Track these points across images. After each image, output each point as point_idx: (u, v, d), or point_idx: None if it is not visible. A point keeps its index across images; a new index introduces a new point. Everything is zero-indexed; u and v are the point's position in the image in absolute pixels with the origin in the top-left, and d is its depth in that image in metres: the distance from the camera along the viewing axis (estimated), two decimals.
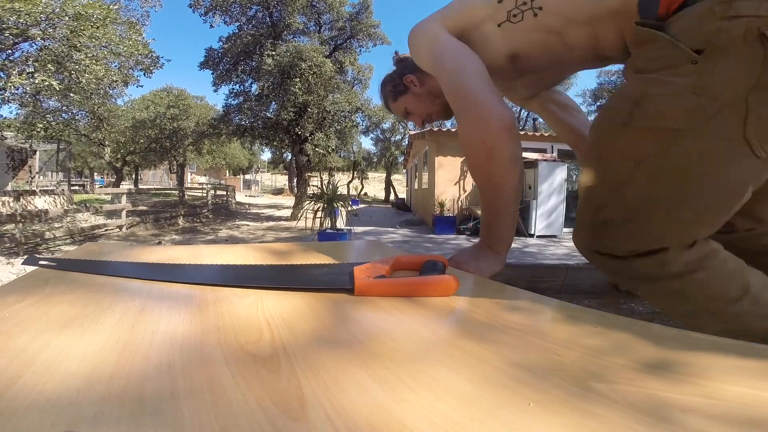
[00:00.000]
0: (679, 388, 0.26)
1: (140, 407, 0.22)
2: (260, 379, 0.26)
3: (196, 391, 0.24)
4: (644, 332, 0.37)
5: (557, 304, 0.46)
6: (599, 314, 0.42)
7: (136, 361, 0.27)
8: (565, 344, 0.33)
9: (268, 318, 0.37)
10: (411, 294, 0.48)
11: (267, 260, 0.66)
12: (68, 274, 0.51)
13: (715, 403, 0.24)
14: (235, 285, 0.49)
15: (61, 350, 0.28)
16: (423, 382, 0.26)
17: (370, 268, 0.50)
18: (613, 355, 0.31)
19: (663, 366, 0.29)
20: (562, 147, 9.69)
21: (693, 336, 0.36)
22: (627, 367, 0.29)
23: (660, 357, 0.31)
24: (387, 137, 29.89)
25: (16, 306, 0.37)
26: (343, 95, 11.39)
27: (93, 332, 0.32)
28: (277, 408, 0.22)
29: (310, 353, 0.30)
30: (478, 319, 0.40)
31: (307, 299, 0.44)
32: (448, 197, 9.13)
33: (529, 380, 0.26)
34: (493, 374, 0.27)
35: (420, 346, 0.32)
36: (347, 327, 0.36)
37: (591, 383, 0.26)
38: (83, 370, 0.26)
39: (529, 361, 0.30)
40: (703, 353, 0.32)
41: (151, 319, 0.35)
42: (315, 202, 5.44)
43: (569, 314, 0.43)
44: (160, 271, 0.56)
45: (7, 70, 6.07)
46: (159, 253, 0.71)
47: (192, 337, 0.32)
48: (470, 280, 0.57)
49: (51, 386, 0.24)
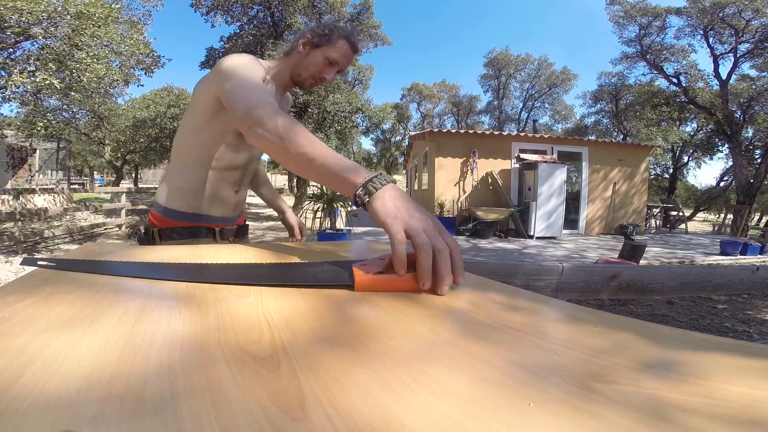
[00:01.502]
0: (679, 388, 0.26)
1: (140, 407, 0.22)
2: (260, 379, 0.26)
3: (196, 392, 0.24)
4: (645, 332, 0.37)
5: (557, 304, 0.46)
6: (599, 314, 0.42)
7: (136, 361, 0.27)
8: (566, 344, 0.33)
9: (268, 318, 0.37)
10: (409, 289, 0.49)
11: (267, 260, 0.66)
12: (68, 273, 0.51)
13: (715, 403, 0.24)
14: (235, 283, 0.49)
15: (61, 350, 0.28)
16: (423, 382, 0.26)
17: (368, 265, 0.51)
18: (614, 355, 0.31)
19: (663, 366, 0.29)
20: (562, 149, 9.70)
21: (694, 336, 0.36)
22: (627, 366, 0.29)
23: (660, 357, 0.31)
24: (387, 138, 29.86)
25: (16, 306, 0.37)
26: (343, 96, 11.39)
27: (93, 332, 0.32)
28: (277, 408, 0.22)
29: (311, 353, 0.30)
30: (479, 320, 0.40)
31: (308, 299, 0.44)
32: (448, 198, 9.13)
33: (529, 380, 0.27)
34: (493, 374, 0.27)
35: (420, 346, 0.32)
36: (347, 327, 0.36)
37: (591, 383, 0.26)
38: (83, 370, 0.26)
39: (529, 361, 0.30)
40: (704, 353, 0.32)
41: (152, 319, 0.35)
42: (315, 203, 5.45)
43: (569, 314, 0.43)
44: (159, 269, 0.56)
45: (9, 68, 6.07)
46: (159, 252, 0.70)
47: (192, 337, 0.32)
48: (471, 280, 0.57)
49: (51, 386, 0.23)
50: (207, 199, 1.20)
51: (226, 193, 1.24)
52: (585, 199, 9.77)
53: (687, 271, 1.66)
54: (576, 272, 1.55)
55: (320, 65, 1.16)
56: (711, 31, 14.23)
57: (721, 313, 3.27)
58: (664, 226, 11.70)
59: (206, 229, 1.22)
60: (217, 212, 1.24)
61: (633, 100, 17.95)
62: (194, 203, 1.19)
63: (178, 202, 1.19)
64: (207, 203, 1.21)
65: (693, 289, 1.58)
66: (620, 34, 16.77)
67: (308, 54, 1.17)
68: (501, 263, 1.89)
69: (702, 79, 15.31)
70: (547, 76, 33.09)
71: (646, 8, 15.68)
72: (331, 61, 1.16)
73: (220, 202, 1.24)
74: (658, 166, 19.92)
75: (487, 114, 36.78)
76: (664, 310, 3.26)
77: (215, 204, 1.23)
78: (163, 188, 1.22)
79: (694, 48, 15.39)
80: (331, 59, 1.15)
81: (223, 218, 1.26)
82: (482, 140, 9.27)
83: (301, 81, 1.20)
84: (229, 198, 1.26)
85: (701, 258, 6.46)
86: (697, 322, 3.05)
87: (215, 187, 1.20)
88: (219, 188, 1.21)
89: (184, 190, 1.19)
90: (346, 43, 1.17)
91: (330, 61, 1.16)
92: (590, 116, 23.04)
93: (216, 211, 1.24)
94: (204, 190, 1.18)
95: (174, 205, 1.19)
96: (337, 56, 1.16)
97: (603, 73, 20.41)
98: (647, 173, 10.61)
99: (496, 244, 7.53)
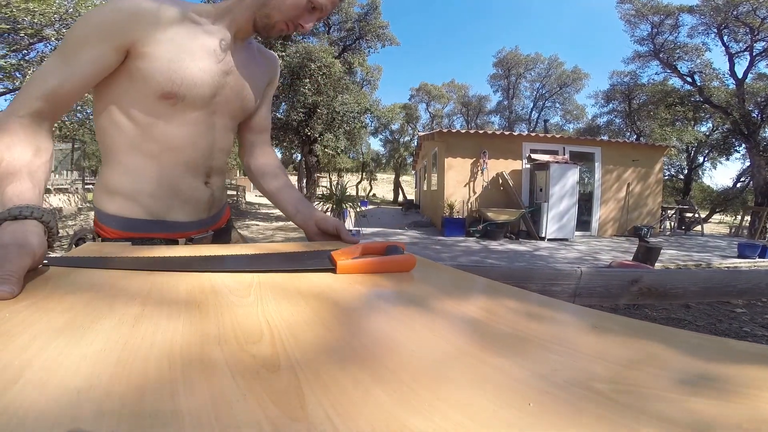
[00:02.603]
0: (723, 406, 0.24)
1: (140, 407, 0.22)
2: (260, 379, 0.25)
3: (196, 392, 0.23)
4: (675, 340, 0.35)
5: (579, 311, 0.44)
6: (625, 321, 0.40)
7: (137, 361, 0.27)
8: (595, 356, 0.31)
9: (268, 318, 0.37)
10: (383, 270, 0.58)
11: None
12: (68, 273, 0.51)
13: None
14: (229, 270, 0.54)
15: (61, 350, 0.28)
16: (423, 382, 0.26)
17: (345, 251, 0.59)
18: (647, 367, 0.29)
19: (701, 379, 0.27)
20: (573, 149, 9.61)
21: (731, 344, 0.34)
22: (661, 379, 0.27)
23: (697, 368, 0.29)
24: (396, 138, 29.90)
25: (16, 306, 0.37)
26: (352, 96, 11.44)
27: (93, 332, 0.32)
28: (277, 408, 0.22)
29: (311, 353, 0.30)
30: (481, 320, 0.39)
31: (308, 299, 0.44)
32: (458, 199, 9.10)
33: (558, 394, 0.25)
34: (496, 376, 0.27)
35: (420, 346, 0.32)
36: (348, 327, 0.36)
37: (621, 397, 0.25)
38: (83, 370, 0.25)
39: (554, 372, 0.28)
40: (746, 364, 0.30)
41: (152, 319, 0.35)
42: (324, 203, 5.47)
43: (595, 322, 0.40)
44: (157, 262, 0.58)
45: (23, 69, 6.21)
46: (159, 253, 0.70)
47: (192, 337, 0.32)
48: (475, 279, 0.57)
49: (51, 386, 0.23)
50: (157, 198, 0.90)
51: (191, 187, 0.93)
52: (598, 200, 9.66)
53: (711, 275, 1.61)
54: (595, 277, 1.51)
55: (300, 7, 0.85)
56: (725, 30, 14.00)
57: (740, 317, 3.20)
58: (679, 227, 11.53)
59: (165, 241, 0.92)
60: (181, 216, 0.93)
61: (646, 99, 17.74)
62: (145, 205, 0.89)
63: (114, 203, 0.89)
64: (159, 203, 0.90)
65: (717, 294, 1.54)
66: (632, 32, 16.60)
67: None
68: (516, 267, 1.87)
69: (717, 78, 15.07)
70: (557, 76, 32.80)
71: (657, 6, 15.48)
72: (314, 5, 0.86)
73: (182, 202, 0.93)
74: (672, 166, 19.64)
75: (497, 114, 36.60)
76: (680, 314, 3.20)
77: (176, 204, 0.92)
78: (97, 187, 0.92)
79: (708, 46, 15.16)
80: (314, 2, 0.85)
81: (189, 223, 0.95)
82: (492, 140, 9.22)
83: (268, 26, 0.88)
84: (195, 193, 0.94)
85: (718, 261, 6.34)
86: (715, 326, 2.99)
87: (171, 180, 0.90)
88: (177, 181, 0.91)
89: (125, 189, 0.88)
90: None
91: (313, 4, 0.86)
92: (602, 116, 22.81)
93: (178, 214, 0.93)
94: (155, 186, 0.89)
95: (109, 207, 0.89)
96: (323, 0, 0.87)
97: (615, 72, 20.21)
98: (662, 174, 10.46)
99: (506, 245, 7.49)
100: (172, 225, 0.92)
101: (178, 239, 0.94)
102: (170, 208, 0.91)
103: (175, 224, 0.93)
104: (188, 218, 0.95)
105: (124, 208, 0.88)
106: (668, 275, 1.58)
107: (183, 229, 0.94)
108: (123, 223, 0.88)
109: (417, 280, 0.57)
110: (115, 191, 0.88)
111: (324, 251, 0.63)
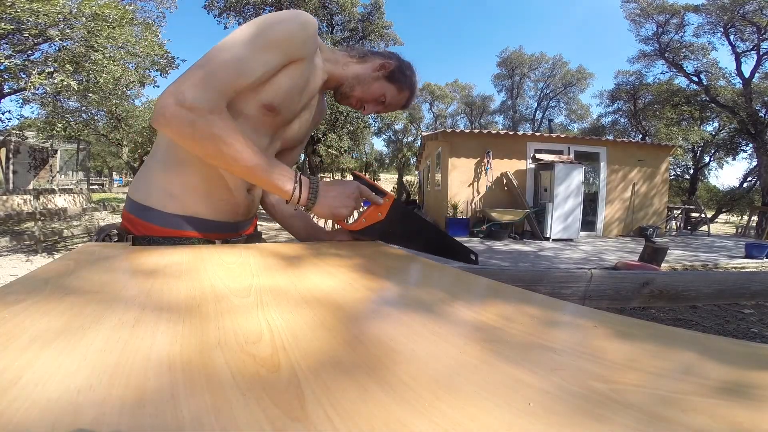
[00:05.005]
0: (760, 412, 0.23)
1: (140, 407, 0.22)
2: (260, 379, 0.25)
3: (196, 392, 0.23)
4: (709, 347, 0.34)
5: (600, 316, 0.42)
6: (652, 327, 0.38)
7: (137, 362, 0.27)
8: (622, 367, 0.30)
9: (268, 318, 0.37)
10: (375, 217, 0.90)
11: (268, 261, 0.65)
12: (68, 274, 0.51)
13: None
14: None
15: (62, 351, 0.28)
16: (423, 381, 0.26)
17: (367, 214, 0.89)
18: (681, 377, 0.28)
19: (741, 389, 0.26)
20: (578, 149, 9.57)
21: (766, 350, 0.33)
22: (698, 390, 0.26)
23: (735, 378, 0.28)
24: (399, 138, 29.89)
25: (16, 306, 0.37)
26: None
27: (93, 332, 0.31)
28: (277, 408, 0.22)
29: (311, 354, 0.30)
30: (482, 321, 0.39)
31: (308, 299, 0.44)
32: (462, 199, 9.08)
33: (592, 410, 0.24)
34: (498, 377, 0.27)
35: (420, 347, 0.32)
36: (347, 327, 0.36)
37: (662, 412, 0.23)
38: (83, 370, 0.25)
39: (585, 388, 0.26)
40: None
41: (152, 319, 0.35)
42: None
43: (619, 330, 0.38)
44: None
45: (28, 70, 6.24)
46: (159, 253, 0.69)
47: (192, 337, 0.32)
48: (477, 280, 0.56)
49: (51, 386, 0.23)
50: (204, 198, 0.90)
51: (235, 192, 0.94)
52: (603, 200, 9.61)
53: (724, 277, 1.59)
54: (605, 279, 1.49)
55: (377, 97, 1.00)
56: (732, 29, 13.89)
57: (748, 318, 3.17)
58: (686, 227, 11.45)
59: (200, 241, 0.91)
60: (219, 216, 0.93)
61: (652, 99, 17.61)
62: (186, 202, 0.88)
63: (161, 200, 0.88)
64: (205, 204, 0.90)
65: (731, 296, 1.51)
66: (637, 32, 16.52)
67: (377, 79, 0.99)
68: (525, 270, 1.86)
69: (724, 77, 14.96)
70: (561, 75, 32.70)
71: (663, 6, 15.40)
72: (385, 102, 1.02)
73: (224, 204, 0.93)
74: (678, 166, 19.50)
75: (501, 114, 36.55)
76: (687, 315, 3.17)
77: (216, 205, 0.92)
78: (140, 181, 0.92)
79: (715, 46, 15.06)
80: (386, 100, 1.01)
81: (226, 224, 0.95)
82: (496, 140, 9.19)
83: (345, 95, 1.00)
84: (237, 198, 0.95)
85: (725, 261, 6.28)
86: (723, 327, 2.96)
87: (217, 182, 0.90)
88: (223, 184, 0.91)
89: (172, 183, 0.88)
90: (407, 98, 1.05)
91: (384, 99, 1.01)
92: (607, 116, 22.69)
93: (217, 214, 0.93)
94: (200, 186, 0.89)
95: (155, 203, 0.88)
96: (393, 101, 1.02)
97: (620, 71, 20.08)
98: (667, 174, 10.39)
99: (511, 246, 7.46)
100: (208, 224, 0.92)
101: (215, 240, 0.94)
102: (208, 209, 0.91)
103: (209, 223, 0.92)
104: (224, 219, 0.95)
105: (167, 203, 0.87)
106: (681, 277, 1.55)
107: (217, 230, 0.94)
108: (160, 219, 0.87)
109: (418, 281, 0.56)
110: (172, 189, 0.88)
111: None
